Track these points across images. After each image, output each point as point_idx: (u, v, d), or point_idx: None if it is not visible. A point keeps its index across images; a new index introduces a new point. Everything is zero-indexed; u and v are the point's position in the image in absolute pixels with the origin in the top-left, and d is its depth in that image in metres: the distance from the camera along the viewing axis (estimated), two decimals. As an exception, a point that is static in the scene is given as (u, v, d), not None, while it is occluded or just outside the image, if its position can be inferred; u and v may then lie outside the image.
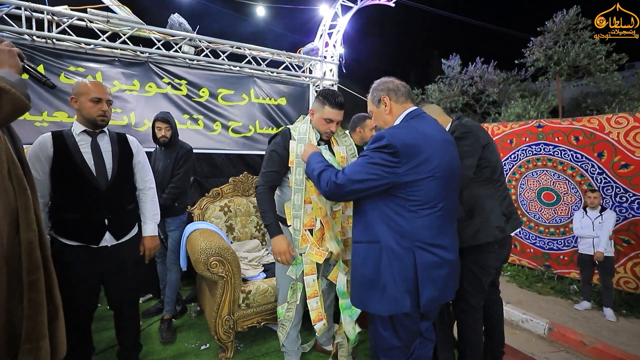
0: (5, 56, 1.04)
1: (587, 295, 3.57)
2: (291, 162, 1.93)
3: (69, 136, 1.75)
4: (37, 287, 1.09)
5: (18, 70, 1.07)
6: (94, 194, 1.74)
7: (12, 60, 1.06)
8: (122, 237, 1.87)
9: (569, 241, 4.29)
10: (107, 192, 1.78)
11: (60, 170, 1.70)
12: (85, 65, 3.42)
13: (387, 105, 1.55)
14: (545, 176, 4.61)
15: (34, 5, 3.15)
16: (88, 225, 1.74)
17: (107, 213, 1.79)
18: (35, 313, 1.07)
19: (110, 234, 1.80)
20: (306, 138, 1.92)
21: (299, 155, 1.89)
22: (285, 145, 1.95)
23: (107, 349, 2.41)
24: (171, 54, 3.87)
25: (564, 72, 11.06)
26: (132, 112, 3.64)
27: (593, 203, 3.52)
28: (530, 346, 2.93)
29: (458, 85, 13.51)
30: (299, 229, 1.91)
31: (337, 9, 4.93)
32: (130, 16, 3.72)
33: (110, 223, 1.80)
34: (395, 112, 1.54)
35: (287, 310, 2.06)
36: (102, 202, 1.77)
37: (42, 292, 1.10)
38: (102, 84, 1.83)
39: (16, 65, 1.07)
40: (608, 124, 3.87)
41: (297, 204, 1.90)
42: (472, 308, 2.02)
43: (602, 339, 2.87)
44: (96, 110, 1.76)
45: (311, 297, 1.95)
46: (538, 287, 4.23)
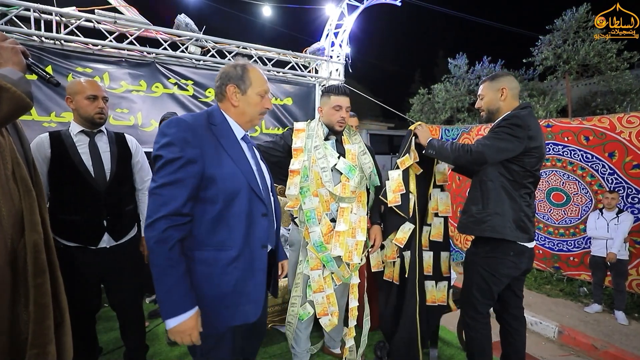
0: (9, 54, 1.02)
1: (598, 298, 3.51)
2: (299, 150, 1.93)
3: (66, 136, 1.73)
4: (43, 291, 1.06)
5: (22, 68, 1.04)
6: (93, 195, 1.72)
7: (15, 58, 1.03)
8: (121, 238, 1.85)
9: (579, 242, 4.22)
10: (106, 193, 1.76)
11: (58, 171, 1.68)
12: (92, 66, 3.44)
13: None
14: (554, 176, 4.54)
15: (43, 7, 3.17)
16: (86, 226, 1.72)
17: (105, 214, 1.76)
18: (42, 317, 1.05)
19: (109, 235, 1.78)
20: (314, 134, 1.96)
21: (307, 147, 1.92)
22: (286, 142, 2.00)
23: (114, 349, 2.41)
24: (178, 54, 3.88)
25: (573, 71, 10.91)
26: (139, 113, 3.66)
27: (610, 204, 3.45)
28: (539, 349, 2.89)
29: (465, 85, 13.38)
30: (304, 221, 1.90)
31: (343, 9, 4.91)
32: (137, 17, 3.73)
33: (109, 224, 1.77)
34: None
35: (291, 305, 2.03)
36: (101, 203, 1.74)
37: (48, 295, 1.07)
38: (96, 81, 1.81)
39: (19, 63, 1.04)
40: (619, 124, 3.79)
41: (301, 194, 1.89)
42: (480, 314, 1.95)
43: (614, 342, 2.81)
44: (93, 107, 1.74)
45: (317, 292, 1.94)
46: (547, 289, 4.17)
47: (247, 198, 1.22)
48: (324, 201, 1.91)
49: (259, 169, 1.35)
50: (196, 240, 1.17)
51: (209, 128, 1.22)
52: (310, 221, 1.88)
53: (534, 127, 1.73)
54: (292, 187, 1.89)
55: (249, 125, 1.37)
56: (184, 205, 1.10)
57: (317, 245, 1.87)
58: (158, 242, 1.06)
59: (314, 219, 1.88)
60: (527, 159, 1.73)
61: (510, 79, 1.86)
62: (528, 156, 1.73)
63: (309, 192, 1.89)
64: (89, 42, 3.44)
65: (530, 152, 1.72)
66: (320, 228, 1.88)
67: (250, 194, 1.23)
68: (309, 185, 1.89)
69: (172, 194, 1.09)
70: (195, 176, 1.13)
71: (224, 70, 1.31)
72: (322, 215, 1.90)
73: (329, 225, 1.91)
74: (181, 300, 1.08)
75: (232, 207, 1.19)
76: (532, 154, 1.73)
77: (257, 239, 1.25)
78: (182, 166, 1.11)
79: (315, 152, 1.93)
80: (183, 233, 1.11)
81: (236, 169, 1.21)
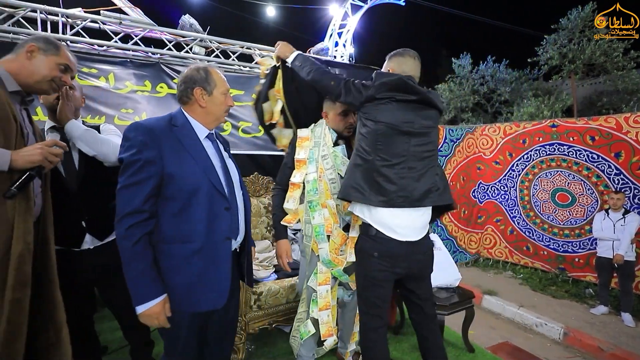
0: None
1: (604, 300, 3.48)
2: (302, 162, 1.88)
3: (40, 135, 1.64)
4: (20, 307, 0.99)
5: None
6: (65, 195, 1.63)
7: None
8: (106, 237, 1.76)
9: (585, 243, 4.20)
10: (79, 192, 1.67)
11: None
12: (98, 67, 3.46)
13: None
14: (559, 177, 4.52)
15: (49, 8, 3.20)
16: (65, 227, 1.62)
17: (84, 214, 1.68)
18: (13, 338, 0.95)
19: (92, 235, 1.71)
20: (321, 141, 1.88)
21: (311, 157, 1.86)
22: (292, 151, 1.95)
23: (119, 348, 2.43)
24: (182, 54, 3.89)
25: (579, 70, 10.82)
26: (144, 113, 3.67)
27: (616, 205, 3.42)
28: (545, 351, 2.87)
29: (469, 85, 13.32)
30: (310, 235, 1.84)
31: (347, 9, 4.91)
32: (142, 18, 3.75)
33: (88, 224, 1.70)
34: None
35: (297, 321, 1.98)
36: (76, 203, 1.65)
37: (25, 313, 0.99)
38: None
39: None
40: (626, 123, 3.76)
41: (310, 208, 1.82)
42: (365, 326, 1.68)
43: (620, 344, 2.79)
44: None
45: (322, 309, 1.84)
46: (552, 290, 4.15)
47: (207, 194, 1.30)
48: (332, 213, 1.84)
49: (224, 166, 1.43)
50: (163, 234, 1.26)
51: (170, 130, 1.31)
52: (319, 237, 1.80)
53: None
54: (291, 201, 1.83)
55: (215, 123, 1.49)
56: (144, 203, 1.20)
57: (326, 263, 1.81)
58: (123, 238, 1.17)
59: (322, 235, 1.80)
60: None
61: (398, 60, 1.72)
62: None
63: (318, 206, 1.81)
64: (95, 43, 3.47)
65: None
66: (329, 245, 1.81)
67: (212, 190, 1.32)
68: (318, 199, 1.81)
69: (133, 193, 1.19)
70: (155, 176, 1.22)
71: (187, 75, 1.41)
72: (333, 227, 1.82)
73: (343, 235, 1.85)
74: (147, 289, 1.20)
75: (193, 202, 1.28)
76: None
77: (220, 232, 1.33)
78: (141, 167, 1.20)
79: (323, 162, 1.85)
80: (147, 229, 1.22)
81: (196, 167, 1.30)
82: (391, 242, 1.54)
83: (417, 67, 1.69)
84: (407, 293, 1.71)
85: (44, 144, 1.23)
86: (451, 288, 2.64)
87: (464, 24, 32.55)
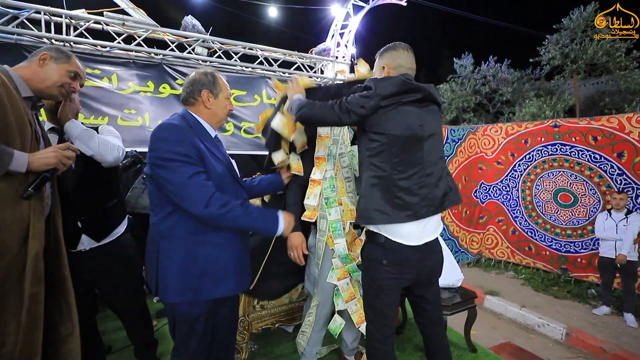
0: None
1: (606, 300, 3.48)
2: (322, 159, 1.89)
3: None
4: (38, 300, 1.05)
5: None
6: (62, 195, 1.59)
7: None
8: (103, 238, 1.75)
9: (587, 244, 4.19)
10: (75, 193, 1.66)
11: None
12: (101, 68, 3.48)
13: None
14: (561, 177, 4.51)
15: (53, 10, 3.21)
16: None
17: (79, 215, 1.68)
18: (33, 327, 1.02)
19: (88, 236, 1.70)
20: (340, 139, 1.92)
21: (330, 155, 1.89)
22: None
23: (123, 347, 2.44)
24: (185, 55, 3.91)
25: (581, 70, 10.79)
26: (146, 113, 3.69)
27: (619, 205, 3.42)
28: (547, 351, 2.87)
29: (470, 85, 13.30)
30: (324, 230, 1.87)
31: (349, 9, 4.92)
32: (145, 19, 3.77)
33: (84, 225, 1.69)
34: None
35: (308, 315, 2.00)
36: (71, 204, 1.63)
37: (41, 305, 1.06)
38: None
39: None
40: (629, 124, 3.76)
41: (326, 204, 1.85)
42: (373, 336, 1.58)
43: (623, 345, 2.79)
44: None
45: (349, 300, 1.89)
46: (554, 290, 4.15)
47: (232, 187, 1.44)
48: (348, 210, 1.88)
49: (231, 162, 1.55)
50: (200, 226, 1.35)
51: (190, 129, 1.40)
52: (335, 232, 1.83)
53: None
54: (312, 197, 1.84)
55: (218, 125, 1.57)
56: (212, 186, 1.32)
57: (342, 257, 1.84)
58: (220, 216, 1.28)
59: (339, 230, 1.83)
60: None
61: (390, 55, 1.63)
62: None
63: (335, 203, 1.85)
64: (98, 44, 3.49)
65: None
66: (345, 238, 1.84)
67: (234, 183, 1.45)
68: (335, 196, 1.85)
69: (202, 180, 1.30)
70: (201, 165, 1.33)
71: (195, 78, 1.49)
72: (347, 223, 1.87)
73: (353, 234, 1.90)
74: (269, 217, 1.42)
75: (224, 192, 1.38)
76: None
77: None
78: (191, 159, 1.30)
79: (340, 159, 1.89)
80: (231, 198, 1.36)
81: (218, 162, 1.42)
82: (401, 248, 1.47)
83: (412, 59, 1.62)
84: (416, 298, 1.65)
85: (58, 147, 1.27)
86: (453, 288, 2.64)
87: (465, 24, 32.56)
